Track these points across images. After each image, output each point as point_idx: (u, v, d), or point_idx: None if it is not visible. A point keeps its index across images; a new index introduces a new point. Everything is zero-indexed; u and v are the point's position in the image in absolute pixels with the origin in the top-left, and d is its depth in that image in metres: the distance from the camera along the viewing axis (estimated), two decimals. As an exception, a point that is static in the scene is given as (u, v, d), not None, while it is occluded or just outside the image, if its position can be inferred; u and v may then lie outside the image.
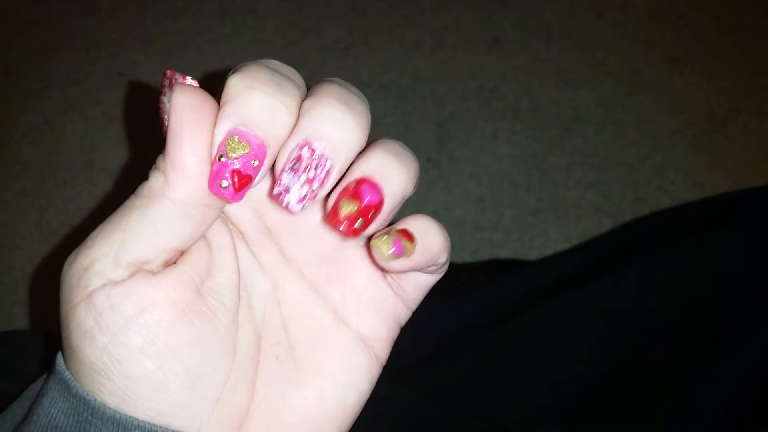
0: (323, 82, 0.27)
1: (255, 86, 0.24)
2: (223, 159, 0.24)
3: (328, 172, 0.25)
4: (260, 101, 0.24)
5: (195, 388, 0.25)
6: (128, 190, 0.26)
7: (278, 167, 0.25)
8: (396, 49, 0.96)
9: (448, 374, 0.54)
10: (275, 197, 0.25)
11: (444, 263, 0.28)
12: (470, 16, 0.99)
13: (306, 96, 0.26)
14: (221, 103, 0.25)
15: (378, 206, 0.25)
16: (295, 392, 0.28)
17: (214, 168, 0.24)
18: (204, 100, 0.25)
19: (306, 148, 0.25)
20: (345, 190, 0.25)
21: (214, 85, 0.26)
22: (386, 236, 0.26)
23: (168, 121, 0.24)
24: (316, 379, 0.28)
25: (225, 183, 0.24)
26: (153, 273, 0.25)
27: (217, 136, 0.24)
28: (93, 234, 0.25)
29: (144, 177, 0.26)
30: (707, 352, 0.49)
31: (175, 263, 0.26)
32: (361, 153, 0.26)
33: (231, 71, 0.26)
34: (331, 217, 0.26)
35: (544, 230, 0.87)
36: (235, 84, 0.25)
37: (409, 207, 0.28)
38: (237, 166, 0.24)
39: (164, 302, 0.25)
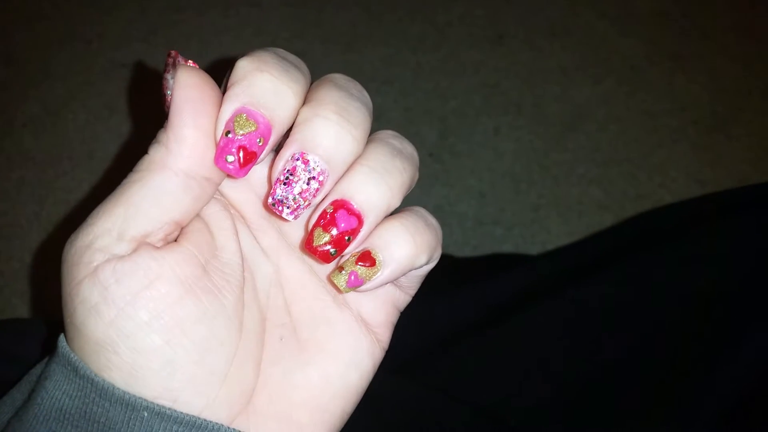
0: (324, 84, 0.27)
1: (263, 69, 0.25)
2: (230, 135, 0.25)
3: (321, 184, 0.26)
4: (268, 83, 0.25)
5: (203, 363, 0.25)
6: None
7: (273, 178, 0.26)
8: (399, 43, 0.96)
9: (449, 368, 0.54)
10: (269, 207, 0.26)
11: (428, 261, 0.28)
12: (474, 12, 0.98)
13: (306, 96, 0.27)
14: (229, 84, 0.25)
15: (355, 230, 0.26)
16: (300, 372, 0.28)
17: (221, 143, 0.25)
18: (206, 79, 0.25)
19: (300, 161, 0.25)
20: (321, 217, 0.26)
21: (216, 75, 0.27)
22: (342, 270, 0.27)
23: (171, 96, 0.25)
24: (319, 359, 0.29)
25: (231, 158, 0.25)
26: (157, 248, 0.25)
27: (224, 114, 0.25)
28: (93, 212, 0.25)
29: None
30: (708, 351, 0.49)
31: (177, 241, 0.26)
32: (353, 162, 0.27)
33: (240, 56, 0.26)
34: (306, 244, 0.26)
35: (545, 226, 0.87)
36: (243, 66, 0.25)
37: (411, 202, 0.28)
38: (243, 142, 0.25)
39: (170, 277, 0.25)
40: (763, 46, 0.97)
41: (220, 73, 0.27)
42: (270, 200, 0.26)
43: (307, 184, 0.25)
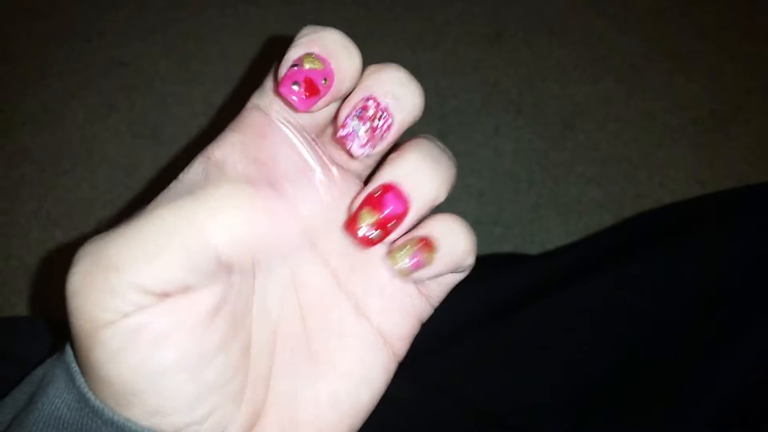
0: (380, 63, 0.27)
1: (332, 29, 0.25)
2: (297, 68, 0.24)
3: (389, 126, 0.25)
4: (339, 36, 0.25)
5: (224, 392, 0.24)
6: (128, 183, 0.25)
7: (343, 114, 0.25)
8: (398, 42, 0.96)
9: (449, 368, 0.54)
10: (339, 139, 0.26)
11: (470, 264, 0.28)
12: (472, 11, 0.98)
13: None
14: (296, 38, 0.25)
15: (401, 216, 0.25)
16: (309, 388, 0.27)
17: (288, 72, 0.24)
18: None
19: (372, 101, 0.25)
20: (369, 197, 0.25)
21: (214, 74, 0.26)
22: (405, 248, 0.26)
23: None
24: (329, 376, 0.27)
25: (297, 86, 0.24)
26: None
27: (292, 54, 0.25)
28: (120, 247, 0.22)
29: (147, 168, 0.25)
30: (709, 350, 0.49)
31: None
32: (396, 152, 0.26)
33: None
34: (349, 225, 0.25)
35: (544, 225, 0.87)
36: (312, 26, 0.25)
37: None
38: (310, 75, 0.24)
39: (199, 311, 0.23)
40: (762, 45, 0.97)
41: (217, 72, 0.26)
42: (341, 132, 0.25)
43: (378, 121, 0.25)
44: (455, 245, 0.26)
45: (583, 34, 0.98)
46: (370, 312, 0.28)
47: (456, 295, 0.58)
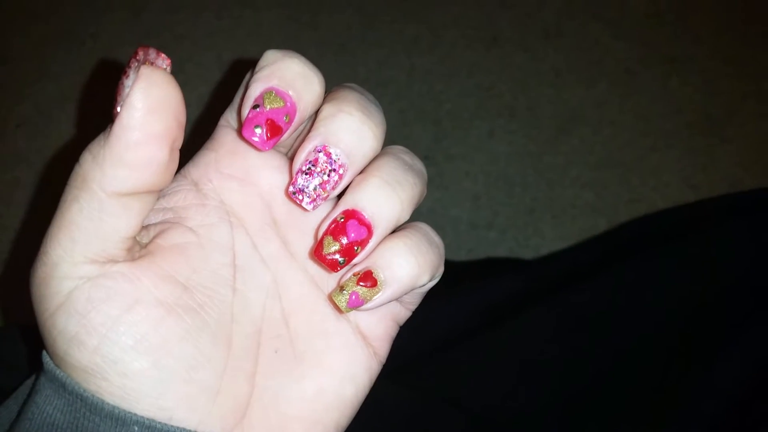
0: (343, 87, 0.28)
1: (292, 56, 0.26)
2: (258, 108, 0.25)
3: (341, 177, 0.26)
4: (298, 67, 0.26)
5: (193, 381, 0.25)
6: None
7: (295, 168, 0.27)
8: (394, 45, 0.96)
9: (443, 373, 0.54)
10: (290, 195, 0.27)
11: (430, 280, 0.28)
12: (468, 15, 0.98)
13: (325, 98, 0.27)
14: (258, 68, 0.26)
15: (364, 241, 0.27)
16: (295, 385, 0.28)
17: (250, 115, 0.26)
18: (168, 98, 0.23)
19: (322, 153, 0.26)
20: (332, 225, 0.27)
21: (212, 75, 0.27)
22: (343, 290, 0.27)
23: (120, 111, 0.23)
24: (315, 373, 0.29)
25: (259, 129, 0.25)
26: (129, 264, 0.25)
27: (253, 92, 0.26)
28: (45, 238, 0.25)
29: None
30: (705, 353, 0.49)
31: (153, 255, 0.26)
32: (360, 175, 0.27)
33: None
34: (316, 251, 0.27)
35: (539, 229, 0.87)
36: (272, 54, 0.27)
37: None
38: (271, 116, 0.26)
39: (148, 299, 0.24)
40: (756, 49, 0.98)
41: (213, 76, 0.27)
42: (291, 189, 0.27)
43: (328, 175, 0.26)
44: (400, 273, 0.27)
45: (577, 39, 0.98)
46: (347, 314, 0.30)
47: (450, 299, 0.59)
